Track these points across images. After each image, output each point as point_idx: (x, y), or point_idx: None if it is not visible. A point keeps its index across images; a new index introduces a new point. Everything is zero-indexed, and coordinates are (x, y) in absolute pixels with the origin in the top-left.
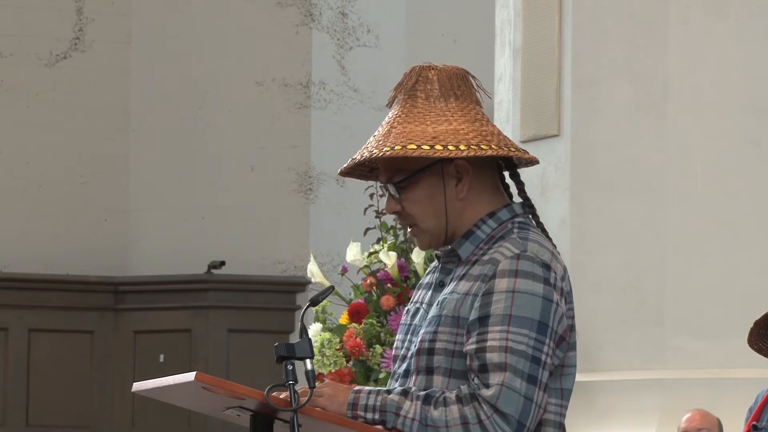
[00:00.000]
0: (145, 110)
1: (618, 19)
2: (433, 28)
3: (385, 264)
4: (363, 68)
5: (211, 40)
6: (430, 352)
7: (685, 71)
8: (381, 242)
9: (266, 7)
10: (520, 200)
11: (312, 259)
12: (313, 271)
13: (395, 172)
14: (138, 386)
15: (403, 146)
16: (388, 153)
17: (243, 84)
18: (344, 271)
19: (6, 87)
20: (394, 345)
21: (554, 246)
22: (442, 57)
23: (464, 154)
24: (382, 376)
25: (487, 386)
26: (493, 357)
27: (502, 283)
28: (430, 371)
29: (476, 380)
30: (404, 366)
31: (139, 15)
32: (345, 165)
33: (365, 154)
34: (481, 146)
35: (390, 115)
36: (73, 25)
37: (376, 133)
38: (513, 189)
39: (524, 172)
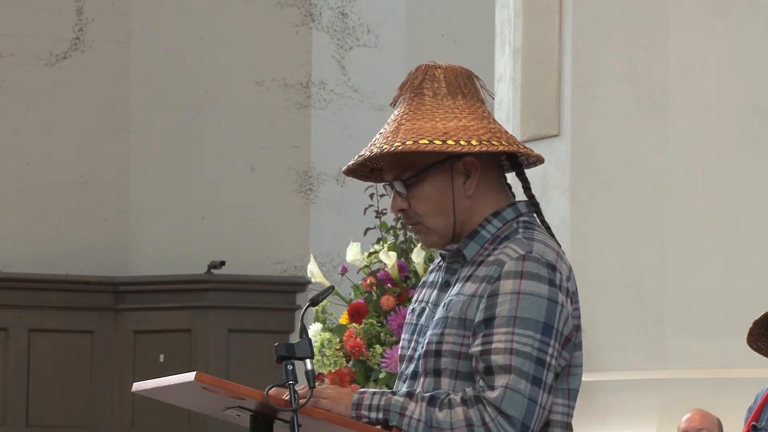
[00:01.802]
0: (145, 110)
1: (618, 19)
2: (433, 28)
3: (385, 264)
4: (363, 68)
5: (211, 40)
6: (437, 354)
7: (685, 71)
8: (381, 242)
9: (266, 7)
10: (524, 199)
11: (312, 259)
12: (313, 271)
13: (403, 169)
14: (138, 386)
15: (414, 141)
16: (399, 148)
17: (243, 84)
18: (344, 271)
19: (6, 87)
20: (400, 345)
21: (559, 245)
22: (442, 57)
23: (477, 149)
24: (382, 376)
25: (492, 388)
26: (498, 359)
27: (507, 285)
28: (437, 373)
29: (481, 382)
30: (412, 368)
31: (139, 15)
32: (351, 162)
33: (374, 150)
34: (492, 142)
35: (396, 113)
36: (73, 25)
37: (382, 131)
38: (517, 189)
39: (524, 173)
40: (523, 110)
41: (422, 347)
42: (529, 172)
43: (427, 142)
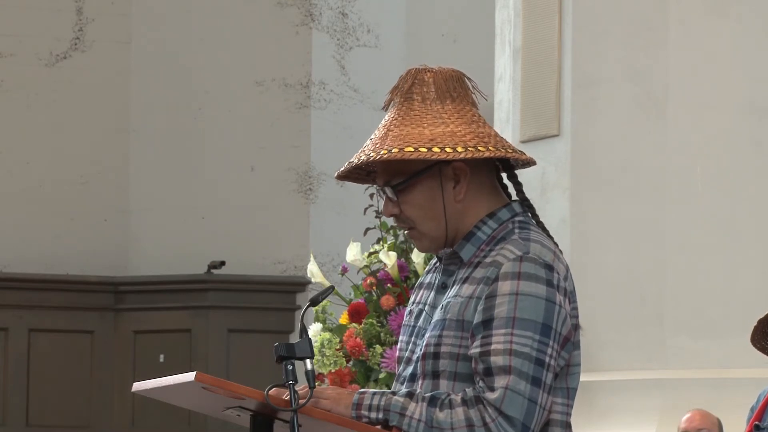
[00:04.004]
0: (145, 110)
1: (618, 19)
2: (433, 28)
3: (385, 264)
4: (363, 68)
5: (211, 40)
6: (436, 356)
7: (685, 71)
8: (381, 242)
9: (266, 7)
10: (518, 199)
11: (312, 259)
12: (313, 271)
13: (393, 175)
14: (138, 386)
15: (400, 149)
16: (385, 156)
17: (243, 84)
18: (344, 271)
19: (6, 87)
20: (398, 347)
21: (556, 245)
22: (442, 57)
23: (462, 156)
24: (382, 376)
25: (492, 389)
26: (497, 360)
27: (505, 286)
28: (436, 375)
29: (481, 383)
30: (410, 370)
31: (139, 15)
32: (342, 169)
33: (362, 158)
34: (479, 148)
35: (386, 118)
36: (73, 25)
37: (372, 136)
38: (511, 190)
39: (524, 173)
40: (523, 110)
41: (420, 349)
42: (528, 172)
43: (412, 149)
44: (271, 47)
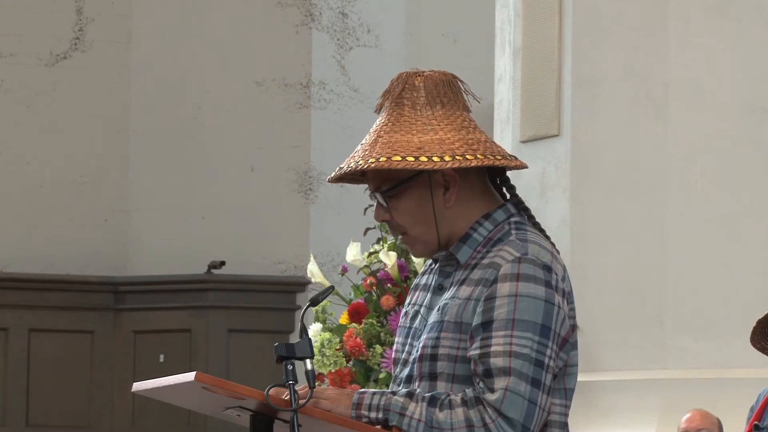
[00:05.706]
0: (145, 110)
1: (618, 19)
2: (433, 28)
3: (385, 264)
4: (363, 68)
5: (210, 40)
6: (433, 358)
7: (685, 71)
8: (381, 242)
9: (266, 7)
10: (512, 201)
11: (312, 259)
12: (313, 271)
13: (382, 182)
14: (138, 386)
15: (388, 158)
16: (373, 165)
17: (243, 84)
18: (344, 271)
19: (6, 87)
20: (394, 348)
21: (553, 245)
22: (442, 57)
23: (449, 165)
24: (382, 376)
25: (492, 390)
26: (497, 361)
27: (504, 288)
28: (433, 377)
29: (481, 384)
30: (407, 371)
31: (139, 15)
32: (333, 174)
33: (351, 164)
34: (467, 156)
35: (377, 122)
36: (73, 25)
37: (363, 141)
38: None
39: (524, 173)
40: (523, 110)
41: (417, 351)
42: (528, 173)
43: (400, 158)
44: (271, 47)
